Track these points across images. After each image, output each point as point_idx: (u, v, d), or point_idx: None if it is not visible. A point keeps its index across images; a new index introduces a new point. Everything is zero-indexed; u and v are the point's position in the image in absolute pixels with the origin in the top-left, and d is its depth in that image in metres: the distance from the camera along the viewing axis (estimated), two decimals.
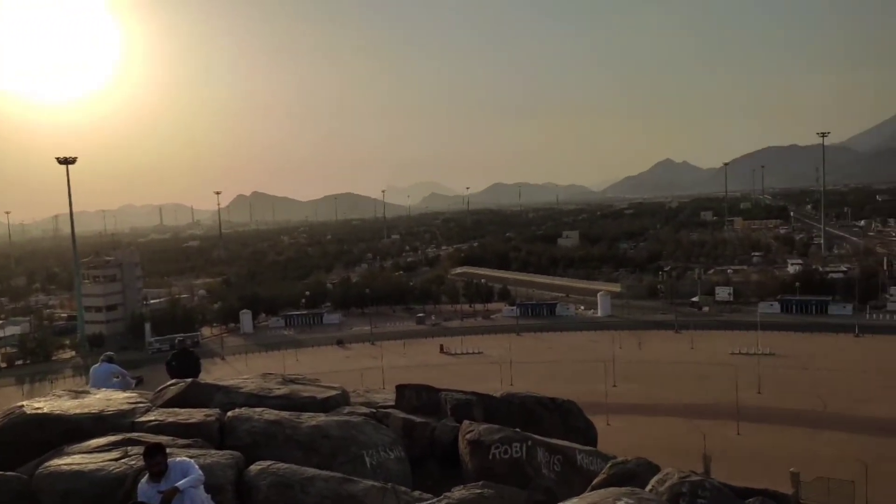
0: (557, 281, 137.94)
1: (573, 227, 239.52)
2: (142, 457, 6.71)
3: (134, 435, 8.55)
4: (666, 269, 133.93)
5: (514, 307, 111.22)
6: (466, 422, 9.66)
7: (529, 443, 8.78)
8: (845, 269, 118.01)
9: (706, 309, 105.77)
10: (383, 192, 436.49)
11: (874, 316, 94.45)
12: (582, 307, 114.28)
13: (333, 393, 11.12)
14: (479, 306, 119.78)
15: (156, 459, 6.36)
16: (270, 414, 9.36)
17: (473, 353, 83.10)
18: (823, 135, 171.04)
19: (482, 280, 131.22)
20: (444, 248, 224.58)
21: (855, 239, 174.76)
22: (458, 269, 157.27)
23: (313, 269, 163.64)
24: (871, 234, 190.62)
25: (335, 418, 9.62)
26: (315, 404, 10.47)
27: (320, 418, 9.49)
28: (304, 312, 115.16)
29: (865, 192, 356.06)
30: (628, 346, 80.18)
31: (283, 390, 10.89)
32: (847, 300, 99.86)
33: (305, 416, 9.48)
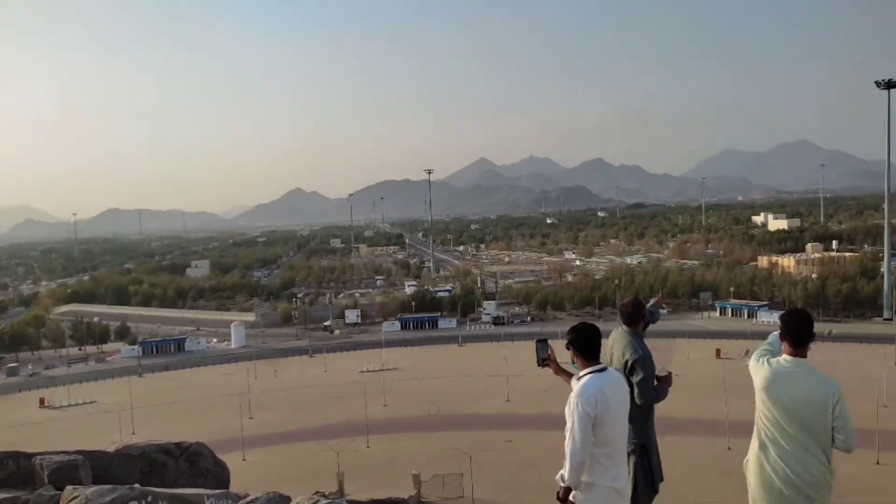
0: (187, 314, 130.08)
1: (203, 256, 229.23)
2: None
3: None
4: (299, 295, 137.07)
5: (136, 346, 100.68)
6: (70, 488, 8.09)
7: (149, 498, 7.74)
8: (450, 288, 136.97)
9: (337, 332, 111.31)
10: None
11: (472, 327, 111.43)
12: (215, 340, 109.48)
13: None
14: (91, 348, 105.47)
15: None
16: None
17: (85, 403, 72.27)
18: (429, 172, 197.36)
19: (95, 318, 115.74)
20: (44, 283, 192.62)
21: (456, 262, 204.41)
22: (64, 308, 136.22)
23: None
24: (468, 257, 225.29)
25: None
26: None
27: None
28: None
29: (462, 222, 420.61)
30: (264, 375, 79.34)
31: None
32: (452, 315, 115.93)
33: None
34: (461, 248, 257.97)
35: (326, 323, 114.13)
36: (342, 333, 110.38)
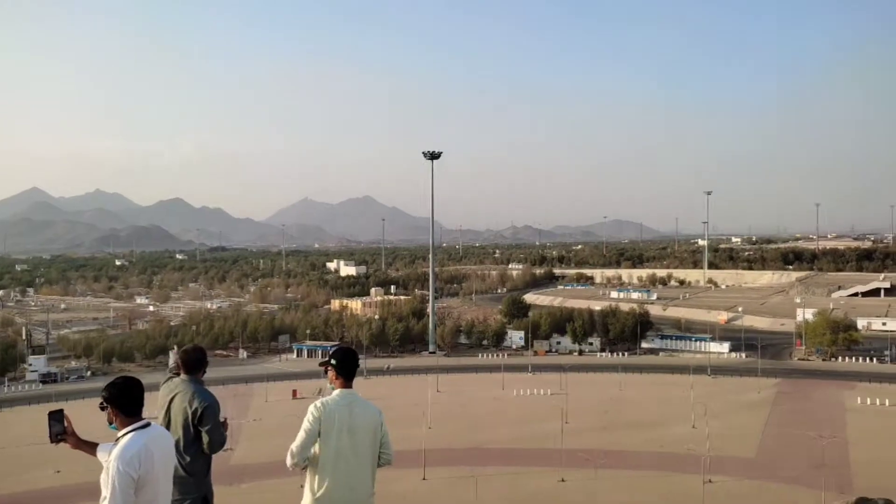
0: None
1: None
2: None
3: None
4: None
5: None
6: None
7: None
8: None
9: None
10: None
11: (12, 388, 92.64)
12: None
13: None
14: None
15: None
16: None
17: None
18: None
19: None
20: None
21: None
22: None
23: None
24: (10, 304, 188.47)
25: None
26: None
27: None
28: None
29: (5, 262, 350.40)
30: None
31: None
32: None
33: None
34: (1, 292, 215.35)
35: None
36: None
